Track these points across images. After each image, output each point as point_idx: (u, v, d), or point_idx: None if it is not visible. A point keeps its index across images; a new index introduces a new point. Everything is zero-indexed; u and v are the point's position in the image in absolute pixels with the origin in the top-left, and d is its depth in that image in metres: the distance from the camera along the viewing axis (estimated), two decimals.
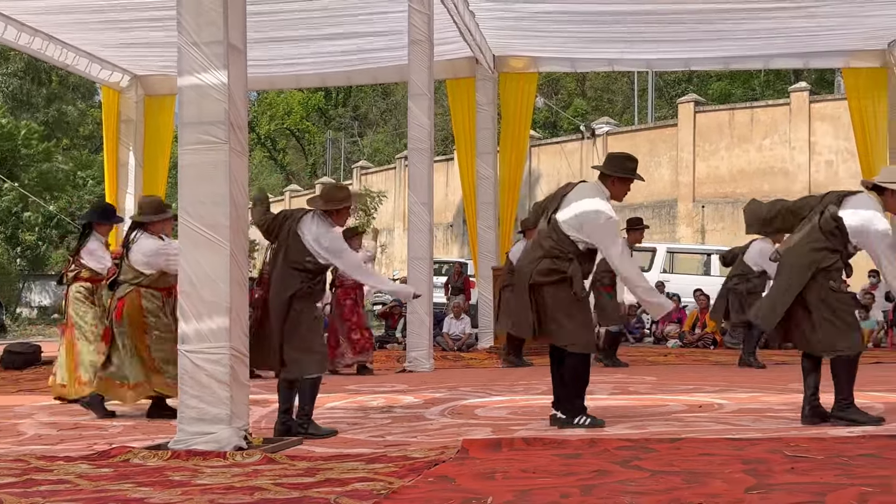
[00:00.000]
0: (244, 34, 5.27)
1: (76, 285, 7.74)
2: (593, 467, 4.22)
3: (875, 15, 13.66)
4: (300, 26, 14.01)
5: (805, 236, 5.88)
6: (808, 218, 5.96)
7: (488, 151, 15.23)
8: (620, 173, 5.98)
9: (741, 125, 23.51)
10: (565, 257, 5.83)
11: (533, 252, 6.03)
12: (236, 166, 5.12)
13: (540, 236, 6.05)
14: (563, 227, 5.88)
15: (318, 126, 44.57)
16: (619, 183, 5.98)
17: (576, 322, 5.82)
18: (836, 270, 5.76)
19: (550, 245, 5.89)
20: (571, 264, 5.81)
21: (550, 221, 5.98)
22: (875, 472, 3.91)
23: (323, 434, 5.71)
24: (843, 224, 5.74)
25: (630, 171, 6.01)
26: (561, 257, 5.84)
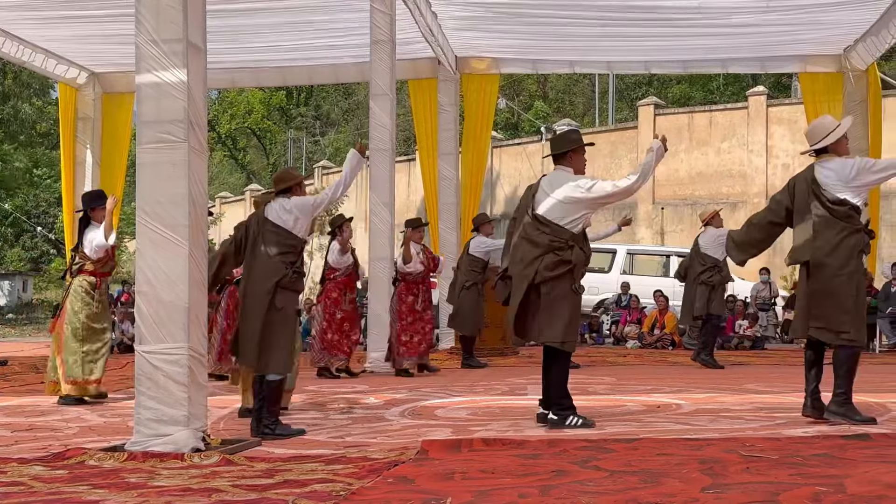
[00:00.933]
0: (204, 32, 5.23)
1: (79, 278, 7.73)
2: (552, 467, 4.24)
3: (831, 21, 13.89)
4: (262, 25, 13.93)
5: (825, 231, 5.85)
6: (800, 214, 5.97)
7: (450, 152, 15.26)
8: (573, 146, 6.07)
9: (700, 128, 23.74)
10: (566, 245, 5.87)
11: (528, 252, 5.94)
12: (195, 165, 5.08)
13: (528, 235, 5.98)
14: (552, 218, 5.91)
15: (280, 125, 44.31)
16: (575, 156, 6.07)
17: (567, 320, 5.84)
18: (867, 246, 5.91)
19: (549, 239, 5.89)
20: (573, 251, 5.86)
21: (535, 219, 5.97)
22: (828, 472, 3.97)
23: (291, 434, 5.68)
24: (848, 200, 5.81)
25: (576, 141, 6.11)
26: (563, 247, 5.87)
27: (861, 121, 15.06)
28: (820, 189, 5.86)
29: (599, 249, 14.40)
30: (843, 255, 5.81)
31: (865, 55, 14.74)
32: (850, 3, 13.23)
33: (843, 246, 5.81)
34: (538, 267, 5.85)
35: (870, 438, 4.89)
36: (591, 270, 6.13)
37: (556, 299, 5.83)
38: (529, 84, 36.87)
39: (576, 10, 13.42)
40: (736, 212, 21.89)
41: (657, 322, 15.31)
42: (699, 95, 31.61)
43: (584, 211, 5.93)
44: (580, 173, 6.08)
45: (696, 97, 31.40)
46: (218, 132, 42.89)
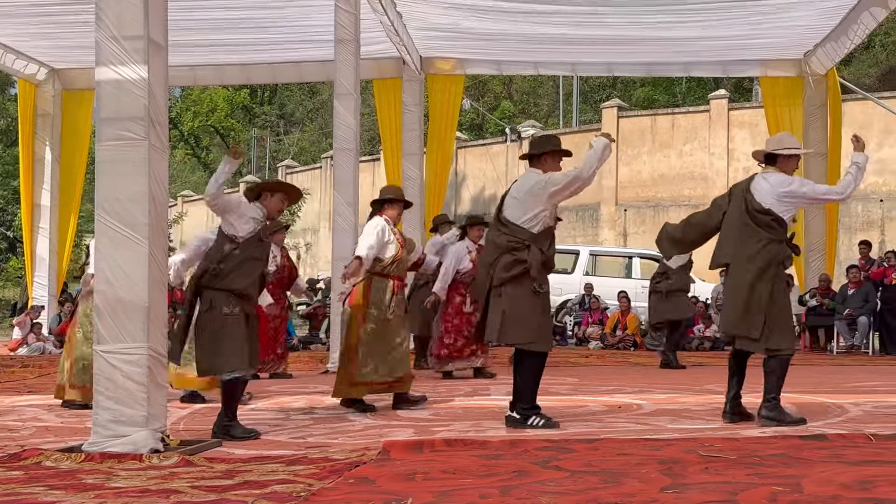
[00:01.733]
0: (165, 29, 5.18)
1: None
2: (513, 468, 4.25)
3: (791, 26, 14.08)
4: (225, 22, 13.85)
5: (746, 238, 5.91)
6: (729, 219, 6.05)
7: (414, 152, 15.26)
8: (549, 148, 6.04)
9: (663, 131, 23.94)
10: (522, 245, 5.82)
11: (488, 256, 5.99)
12: (156, 163, 5.03)
13: (491, 237, 6.05)
14: (512, 218, 5.90)
15: (243, 124, 44.00)
16: (549, 160, 6.03)
17: (529, 321, 5.80)
18: (787, 258, 5.88)
19: (506, 240, 5.89)
20: (529, 251, 5.80)
21: (497, 221, 6.00)
22: (785, 472, 4.02)
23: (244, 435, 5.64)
24: (773, 211, 5.85)
25: (554, 145, 6.08)
26: (518, 248, 5.83)
27: (821, 125, 15.30)
28: (751, 196, 5.93)
29: (562, 251, 14.46)
30: (760, 263, 5.82)
31: (825, 60, 14.95)
32: (809, 9, 13.42)
33: (762, 255, 5.83)
34: (493, 270, 5.87)
35: (826, 439, 4.95)
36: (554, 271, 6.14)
37: (516, 300, 5.81)
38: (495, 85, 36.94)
39: (540, 12, 13.49)
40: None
41: (619, 323, 15.42)
42: (662, 98, 31.85)
43: (540, 207, 5.84)
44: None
45: (660, 100, 31.63)
46: (181, 130, 42.50)
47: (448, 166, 16.22)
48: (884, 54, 27.62)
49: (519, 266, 5.81)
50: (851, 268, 14.21)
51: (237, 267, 5.72)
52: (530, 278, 5.80)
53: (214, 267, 5.71)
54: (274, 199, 5.95)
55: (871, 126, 20.43)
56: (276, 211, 5.98)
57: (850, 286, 13.99)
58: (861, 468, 4.06)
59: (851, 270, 14.12)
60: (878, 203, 20.37)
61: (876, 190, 20.46)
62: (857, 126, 20.06)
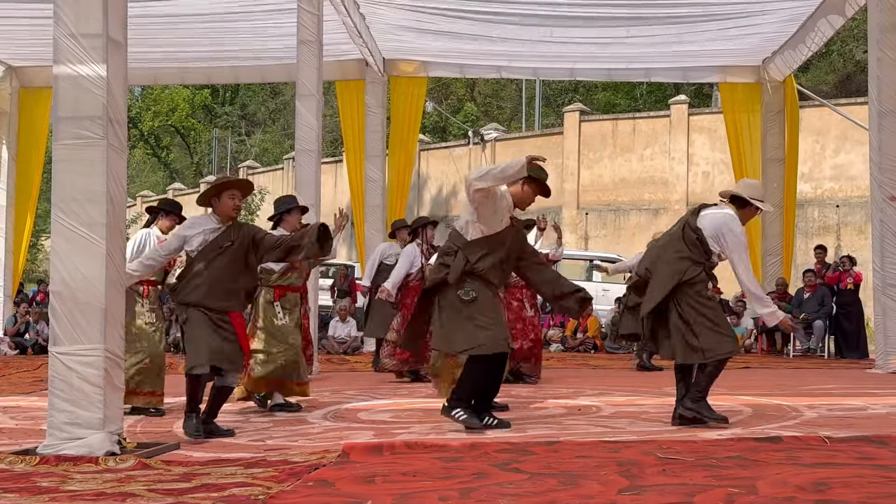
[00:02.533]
0: (125, 27, 5.13)
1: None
2: (473, 470, 4.26)
3: (750, 33, 14.27)
4: (185, 21, 13.74)
5: (669, 246, 6.02)
6: (670, 231, 6.19)
7: (377, 154, 15.25)
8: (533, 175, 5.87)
9: (624, 135, 24.12)
10: (452, 251, 5.82)
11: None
12: (114, 163, 4.97)
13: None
14: (457, 224, 5.93)
15: (205, 124, 43.66)
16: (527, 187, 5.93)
17: (457, 327, 5.76)
18: (700, 283, 5.91)
19: (446, 245, 5.94)
20: (455, 257, 5.78)
21: (452, 227, 6.03)
22: (741, 474, 4.06)
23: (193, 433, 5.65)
24: (702, 234, 5.93)
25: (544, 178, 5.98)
26: (448, 252, 5.85)
27: (778, 131, 15.52)
28: (695, 217, 6.02)
29: None
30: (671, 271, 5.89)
31: (783, 67, 15.16)
32: (768, 17, 13.62)
33: (678, 266, 5.89)
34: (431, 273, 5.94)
35: (782, 441, 5.01)
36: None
37: (444, 307, 5.81)
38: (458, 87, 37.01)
39: (503, 15, 13.56)
40: (657, 218, 22.31)
41: (580, 326, 15.50)
42: (624, 103, 32.09)
43: (469, 211, 5.80)
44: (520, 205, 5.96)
45: (621, 104, 31.87)
46: (140, 129, 42.08)
47: (410, 168, 16.22)
48: (841, 62, 28.06)
49: (443, 270, 5.80)
50: (808, 272, 14.41)
51: (192, 280, 5.73)
52: (455, 285, 5.73)
53: (175, 283, 5.81)
54: (222, 202, 5.83)
55: (828, 132, 20.74)
56: (231, 209, 5.82)
57: (806, 290, 14.18)
58: (816, 470, 4.12)
59: (807, 275, 14.32)
60: (835, 208, 20.67)
61: (832, 196, 20.77)
62: (815, 132, 20.40)
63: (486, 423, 5.84)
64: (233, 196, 5.84)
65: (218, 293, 5.71)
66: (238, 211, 5.89)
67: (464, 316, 5.76)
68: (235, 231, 5.83)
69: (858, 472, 4.06)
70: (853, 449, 4.69)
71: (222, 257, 5.75)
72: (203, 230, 5.79)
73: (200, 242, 5.76)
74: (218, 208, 5.83)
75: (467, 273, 5.75)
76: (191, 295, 5.71)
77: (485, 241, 5.80)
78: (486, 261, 5.78)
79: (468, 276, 5.75)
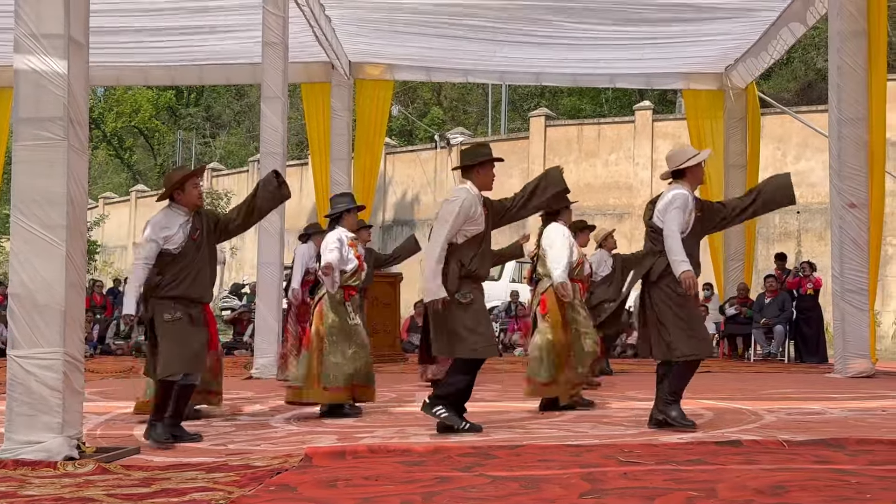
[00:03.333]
0: (86, 27, 5.08)
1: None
2: (436, 474, 4.26)
3: (713, 40, 14.42)
4: (149, 21, 13.63)
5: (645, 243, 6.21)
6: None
7: (342, 157, 15.22)
8: (481, 159, 6.10)
9: (589, 140, 24.26)
10: (445, 259, 5.90)
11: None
12: (75, 164, 4.92)
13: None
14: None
15: (169, 125, 43.29)
16: (481, 170, 6.09)
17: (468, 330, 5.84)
18: (670, 274, 5.94)
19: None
20: (448, 265, 5.87)
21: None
22: (701, 477, 4.10)
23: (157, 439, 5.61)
24: (655, 225, 6.03)
25: (485, 154, 6.14)
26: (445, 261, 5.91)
27: (740, 138, 15.69)
28: (650, 211, 6.14)
29: None
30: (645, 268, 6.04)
31: (745, 74, 15.34)
32: (730, 24, 13.77)
33: (646, 261, 6.04)
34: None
35: (741, 445, 5.07)
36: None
37: (449, 314, 5.85)
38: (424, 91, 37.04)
39: (469, 20, 13.59)
40: (621, 223, 22.44)
41: None
42: (589, 108, 32.27)
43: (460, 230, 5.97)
44: (485, 188, 6.10)
45: (586, 110, 32.05)
46: (103, 130, 41.64)
47: (376, 172, 16.21)
48: (802, 70, 28.42)
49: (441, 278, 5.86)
50: (768, 277, 14.57)
51: (177, 275, 5.69)
52: (451, 290, 5.84)
53: (155, 279, 5.69)
54: (187, 192, 5.81)
55: (790, 139, 21.00)
56: (196, 198, 5.83)
57: (766, 295, 14.34)
58: (774, 473, 4.17)
59: (768, 280, 14.47)
60: (795, 215, 20.92)
61: None
62: (776, 139, 20.65)
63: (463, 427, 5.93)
64: (195, 185, 5.88)
65: (197, 284, 5.78)
66: (202, 198, 5.95)
67: (461, 320, 5.86)
68: (198, 219, 5.86)
69: (815, 476, 4.11)
70: (811, 452, 4.76)
71: (197, 247, 5.79)
72: (179, 225, 5.76)
73: (182, 238, 5.74)
74: (183, 199, 5.81)
75: (463, 277, 5.90)
76: (175, 289, 5.67)
77: (472, 241, 5.99)
78: (477, 258, 5.99)
79: (464, 279, 5.91)
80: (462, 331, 5.85)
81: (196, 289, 5.77)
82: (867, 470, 4.22)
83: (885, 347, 17.50)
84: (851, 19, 10.72)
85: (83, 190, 5.03)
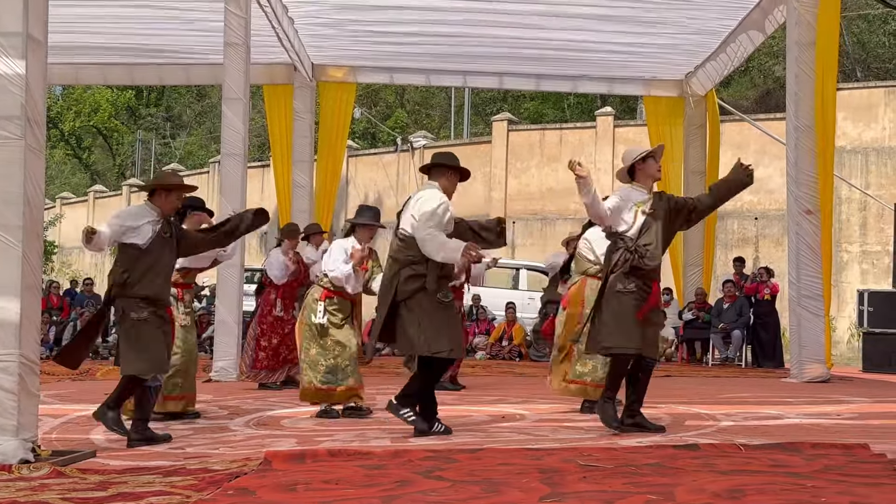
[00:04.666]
0: (45, 25, 5.01)
1: None
2: (396, 478, 4.25)
3: (673, 47, 14.58)
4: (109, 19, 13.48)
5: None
6: None
7: (305, 159, 15.16)
8: (456, 164, 6.23)
9: (551, 145, 24.37)
10: (420, 260, 5.89)
11: (389, 269, 6.06)
12: (32, 164, 4.85)
13: (391, 251, 6.10)
14: (409, 232, 5.96)
15: (128, 125, 42.79)
16: (452, 176, 6.20)
17: (449, 330, 5.88)
18: (624, 262, 5.99)
19: (405, 255, 5.95)
20: (428, 265, 5.88)
21: (395, 236, 6.07)
22: (660, 481, 4.13)
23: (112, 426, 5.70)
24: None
25: (458, 164, 6.30)
26: (417, 262, 5.90)
27: (700, 144, 15.86)
28: None
29: None
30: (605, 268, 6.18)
31: (705, 81, 15.51)
32: (690, 32, 13.92)
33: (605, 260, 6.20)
34: (397, 283, 5.93)
35: (699, 448, 5.11)
36: None
37: (429, 313, 5.87)
38: (388, 94, 37.00)
39: (431, 22, 13.62)
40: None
41: (505, 334, 15.60)
42: (551, 113, 32.41)
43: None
44: (447, 194, 6.13)
45: (549, 115, 32.19)
46: (61, 130, 41.06)
47: (338, 174, 16.17)
48: (761, 78, 28.78)
49: (419, 280, 5.88)
50: (727, 283, 14.73)
51: (144, 274, 5.67)
52: (435, 290, 5.87)
53: (121, 277, 5.65)
54: (169, 200, 5.86)
55: (748, 146, 21.23)
56: (171, 209, 5.90)
57: (725, 300, 14.50)
58: (731, 477, 4.21)
59: (726, 285, 14.64)
60: (753, 221, 21.18)
61: (751, 208, 21.27)
62: (735, 146, 20.89)
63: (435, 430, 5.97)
64: (179, 198, 6.00)
65: (165, 286, 5.85)
66: (175, 210, 6.07)
67: (440, 319, 5.88)
68: (167, 225, 5.89)
69: (772, 479, 4.16)
70: (767, 456, 4.81)
71: (166, 249, 5.80)
72: (149, 221, 5.76)
73: (150, 234, 5.71)
74: (161, 202, 5.84)
75: (442, 277, 5.96)
76: (146, 288, 5.66)
77: None
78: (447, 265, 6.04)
79: (443, 279, 5.97)
80: (442, 329, 5.86)
81: (164, 290, 5.81)
82: (822, 474, 4.27)
83: (840, 353, 17.76)
84: (809, 29, 10.88)
85: (40, 190, 4.96)
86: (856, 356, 16.26)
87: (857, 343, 17.07)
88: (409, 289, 5.89)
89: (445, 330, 5.88)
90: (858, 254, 20.14)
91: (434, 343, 5.86)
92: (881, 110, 20.29)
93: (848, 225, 20.19)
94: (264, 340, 9.44)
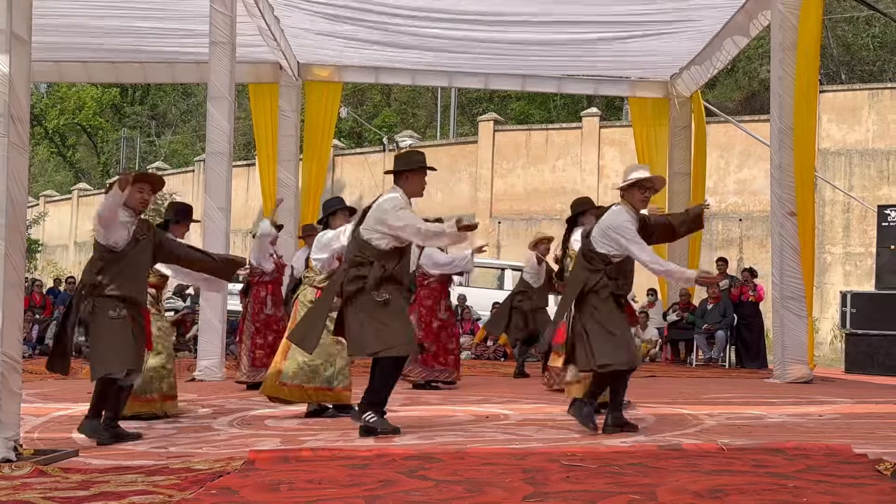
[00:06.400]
0: (29, 23, 4.99)
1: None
2: (379, 478, 4.25)
3: (658, 49, 14.63)
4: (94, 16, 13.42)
5: (578, 260, 6.25)
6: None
7: (290, 159, 15.14)
8: (414, 166, 6.08)
9: (537, 146, 24.42)
10: (366, 262, 5.90)
11: (340, 268, 6.10)
12: (15, 162, 4.83)
13: (347, 251, 6.14)
14: (363, 234, 5.98)
15: (113, 123, 42.60)
16: (413, 177, 6.07)
17: (384, 328, 5.84)
18: (603, 287, 6.00)
19: (353, 255, 5.99)
20: (371, 267, 5.87)
21: (352, 236, 6.09)
22: (642, 481, 4.15)
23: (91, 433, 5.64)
24: (592, 245, 6.06)
25: (418, 162, 6.11)
26: (363, 263, 5.91)
27: (685, 145, 15.92)
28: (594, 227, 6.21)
29: None
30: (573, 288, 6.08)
31: (690, 83, 15.57)
32: (676, 33, 13.98)
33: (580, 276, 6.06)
34: (342, 282, 5.96)
35: (681, 449, 5.13)
36: None
37: (366, 313, 5.86)
38: (374, 94, 36.97)
39: (418, 22, 13.61)
40: None
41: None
42: (537, 114, 32.46)
43: (385, 230, 5.95)
44: (415, 196, 6.10)
45: (535, 115, 32.24)
46: (45, 127, 40.83)
47: (324, 173, 16.15)
48: (745, 80, 28.90)
49: (360, 281, 5.90)
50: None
51: (117, 275, 5.63)
52: (374, 291, 5.87)
53: (94, 278, 5.60)
54: (133, 194, 5.69)
55: (733, 148, 21.36)
56: (138, 202, 5.73)
57: (709, 301, 14.56)
58: (713, 477, 4.23)
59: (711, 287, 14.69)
60: (738, 222, 21.28)
61: (735, 210, 21.37)
62: (720, 147, 20.98)
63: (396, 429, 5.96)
64: (142, 189, 5.76)
65: (141, 287, 5.80)
66: (146, 206, 5.84)
67: (377, 319, 5.86)
68: (144, 226, 5.81)
69: (753, 480, 4.18)
70: (749, 457, 4.83)
71: (140, 250, 5.75)
72: (124, 222, 5.69)
73: (126, 234, 5.66)
74: (129, 199, 5.69)
75: (385, 279, 5.91)
76: (119, 289, 5.61)
77: (399, 250, 6.02)
78: (400, 265, 6.01)
79: (385, 281, 5.92)
80: (379, 329, 5.84)
81: (139, 292, 5.76)
82: (804, 474, 4.30)
83: (823, 354, 17.88)
84: (793, 32, 10.93)
85: (23, 188, 4.93)
86: (838, 357, 16.36)
87: (839, 344, 17.18)
88: (351, 289, 5.92)
89: (388, 328, 5.83)
90: (842, 255, 20.26)
91: (376, 342, 5.84)
92: (865, 112, 20.44)
93: (831, 227, 20.31)
94: (259, 338, 9.42)
